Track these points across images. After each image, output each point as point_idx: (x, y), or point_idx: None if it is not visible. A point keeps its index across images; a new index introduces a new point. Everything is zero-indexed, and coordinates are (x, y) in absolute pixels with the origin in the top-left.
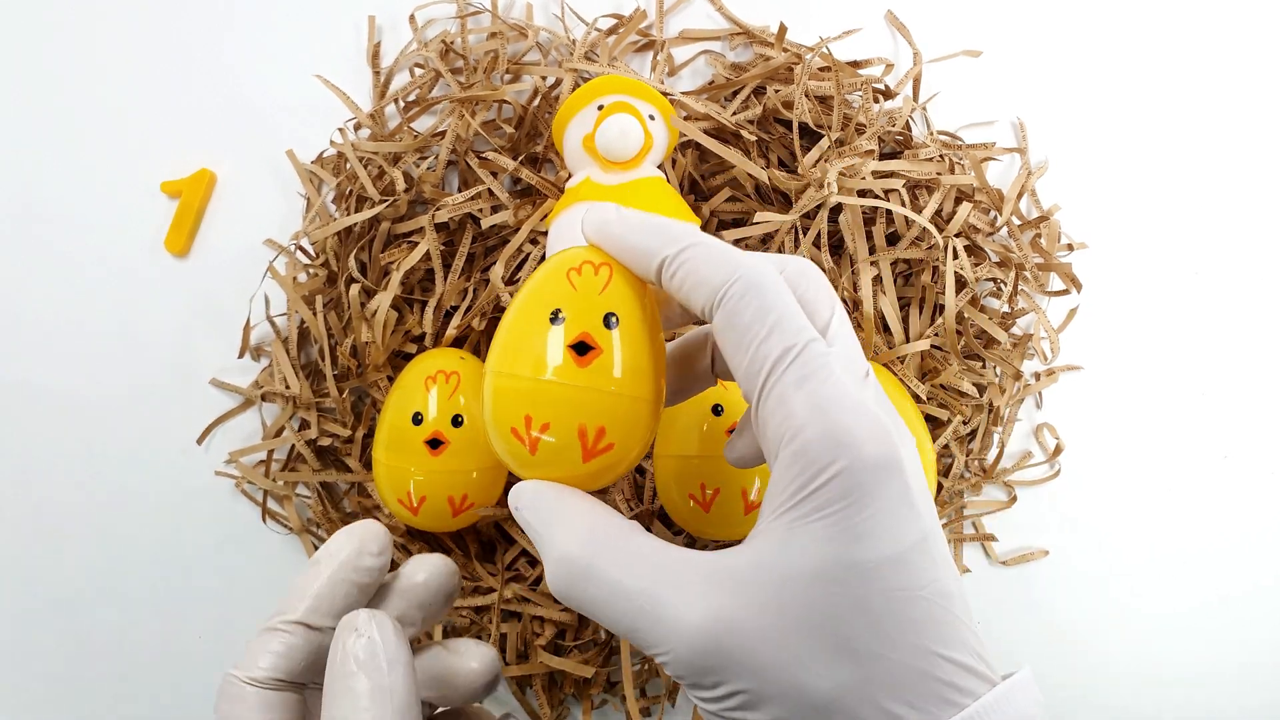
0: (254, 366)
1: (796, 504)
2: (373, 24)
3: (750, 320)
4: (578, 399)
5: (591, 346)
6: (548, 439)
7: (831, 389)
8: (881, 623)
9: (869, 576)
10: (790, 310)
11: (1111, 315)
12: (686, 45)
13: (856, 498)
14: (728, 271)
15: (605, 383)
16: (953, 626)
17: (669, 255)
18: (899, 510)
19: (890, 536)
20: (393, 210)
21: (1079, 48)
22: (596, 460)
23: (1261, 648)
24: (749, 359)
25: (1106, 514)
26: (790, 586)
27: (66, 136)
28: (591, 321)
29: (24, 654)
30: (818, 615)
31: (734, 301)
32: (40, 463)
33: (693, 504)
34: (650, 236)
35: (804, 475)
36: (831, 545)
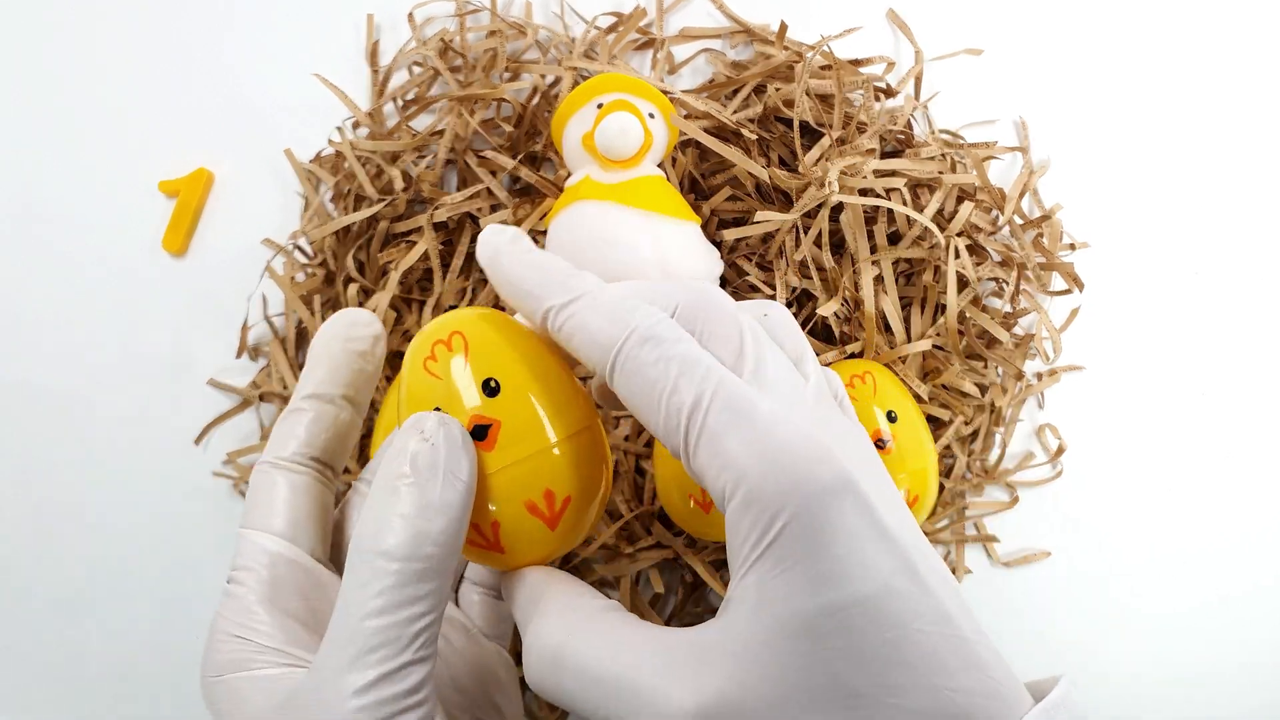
0: (252, 366)
1: (758, 559)
2: (371, 22)
3: (652, 375)
4: (507, 480)
5: (488, 424)
6: (507, 532)
7: (758, 426)
8: (878, 668)
9: (851, 620)
10: (693, 353)
11: (1114, 315)
12: (687, 43)
13: (815, 539)
14: (618, 329)
15: (523, 449)
16: (960, 653)
17: (554, 305)
18: (865, 539)
19: (862, 571)
20: (391, 209)
21: (1081, 46)
22: (564, 521)
23: (1263, 648)
24: (663, 415)
25: (1109, 514)
26: (776, 651)
27: (64, 136)
28: (472, 400)
29: (24, 654)
30: (811, 675)
31: (630, 359)
32: (37, 463)
33: (693, 505)
34: (537, 280)
35: (756, 528)
36: (803, 597)
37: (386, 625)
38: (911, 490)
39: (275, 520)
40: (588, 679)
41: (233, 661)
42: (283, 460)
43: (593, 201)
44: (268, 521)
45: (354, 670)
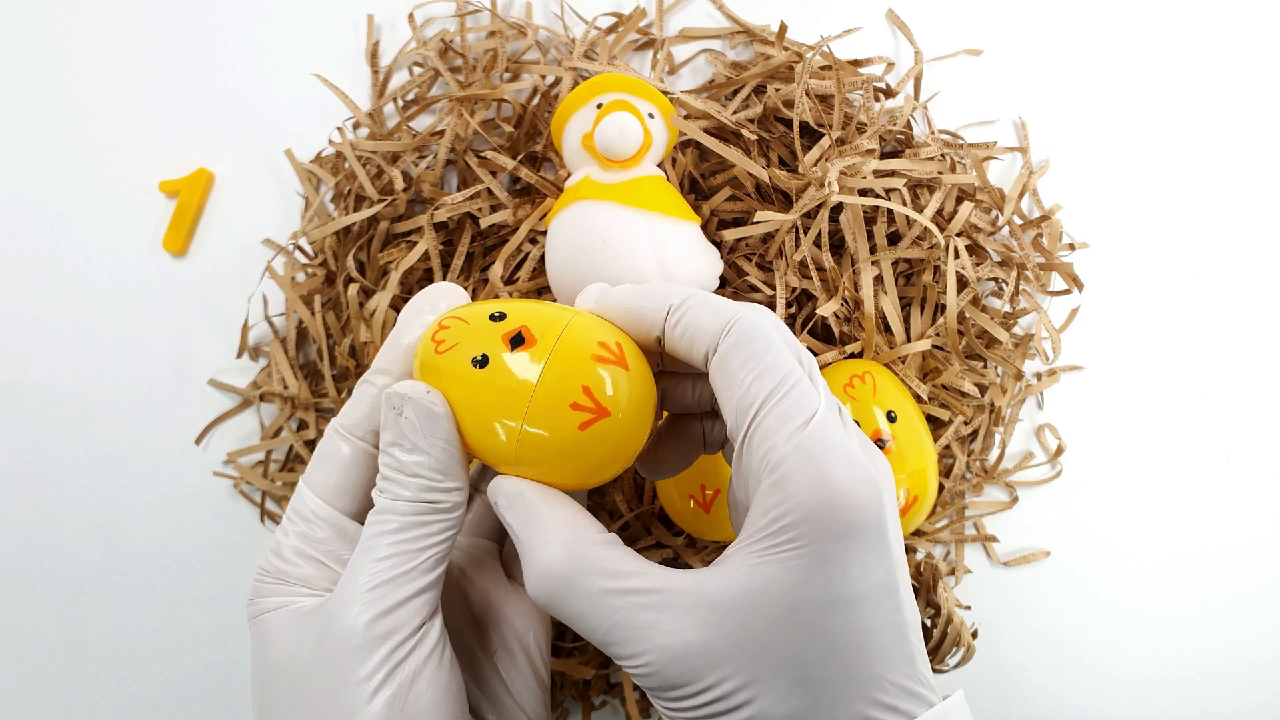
0: (252, 366)
1: (771, 534)
2: (371, 23)
3: (745, 359)
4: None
5: (524, 339)
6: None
7: (820, 430)
8: (839, 655)
9: (834, 614)
10: (783, 353)
11: (1113, 315)
12: (686, 44)
13: (831, 538)
14: (726, 316)
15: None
16: (903, 654)
17: (673, 304)
18: (871, 553)
19: (859, 577)
20: (391, 209)
21: (1080, 47)
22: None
23: (1263, 647)
24: (740, 394)
25: (1108, 514)
26: (761, 616)
27: (65, 136)
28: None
29: (24, 654)
30: (782, 647)
31: (731, 342)
32: (38, 463)
33: (693, 504)
34: (651, 296)
35: (782, 507)
36: (802, 581)
37: (395, 542)
38: (911, 490)
39: (324, 481)
40: (594, 606)
41: (264, 590)
42: (345, 429)
43: (593, 201)
44: (318, 481)
45: (367, 575)
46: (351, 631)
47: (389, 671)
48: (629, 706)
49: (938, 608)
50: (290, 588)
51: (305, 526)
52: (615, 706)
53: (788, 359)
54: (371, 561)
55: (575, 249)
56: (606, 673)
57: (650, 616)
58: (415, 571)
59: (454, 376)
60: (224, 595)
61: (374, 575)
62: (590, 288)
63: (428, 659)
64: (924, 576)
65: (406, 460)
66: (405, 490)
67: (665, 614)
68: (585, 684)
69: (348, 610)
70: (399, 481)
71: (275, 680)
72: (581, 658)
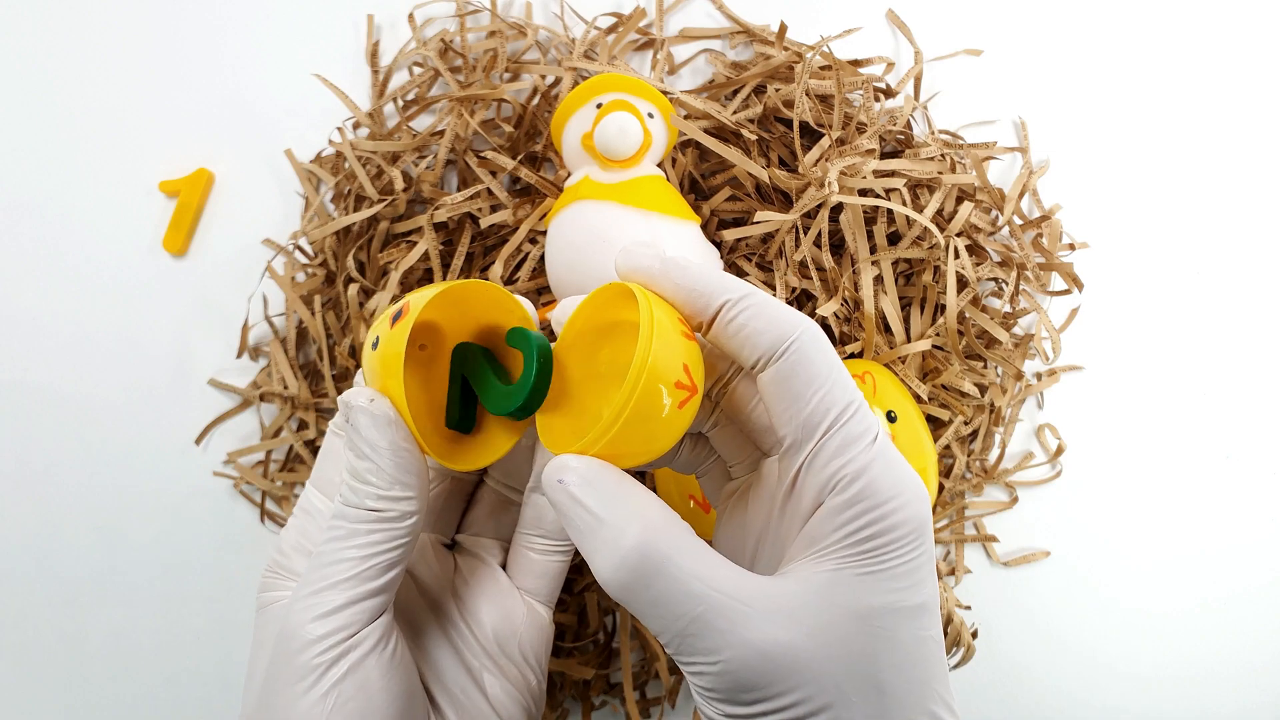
0: (252, 367)
1: (850, 544)
2: (371, 23)
3: (811, 375)
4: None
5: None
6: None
7: (883, 449)
8: (905, 662)
9: (903, 621)
10: (844, 371)
11: (1113, 315)
12: (686, 44)
13: (904, 550)
14: (791, 324)
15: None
16: (942, 667)
17: (732, 298)
18: (928, 563)
19: (921, 587)
20: (391, 210)
21: (1080, 47)
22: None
23: (1263, 647)
24: (807, 411)
25: (1108, 514)
26: (839, 623)
27: (64, 136)
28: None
29: (24, 654)
30: (859, 652)
31: (796, 358)
32: (38, 462)
33: (693, 505)
34: (709, 281)
35: (856, 524)
36: (876, 589)
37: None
38: None
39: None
40: (681, 593)
41: (266, 584)
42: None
43: (592, 201)
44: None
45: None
46: (292, 633)
47: (319, 675)
48: (629, 706)
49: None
50: (288, 582)
51: (304, 520)
52: (615, 706)
53: (847, 378)
54: (317, 566)
55: (575, 249)
56: (606, 673)
57: (738, 611)
58: (358, 578)
59: (368, 366)
60: (224, 595)
61: (316, 580)
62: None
63: (361, 662)
64: None
65: (358, 466)
66: (354, 496)
67: (749, 609)
68: (585, 684)
69: (291, 612)
70: (350, 487)
71: (253, 675)
72: (582, 658)
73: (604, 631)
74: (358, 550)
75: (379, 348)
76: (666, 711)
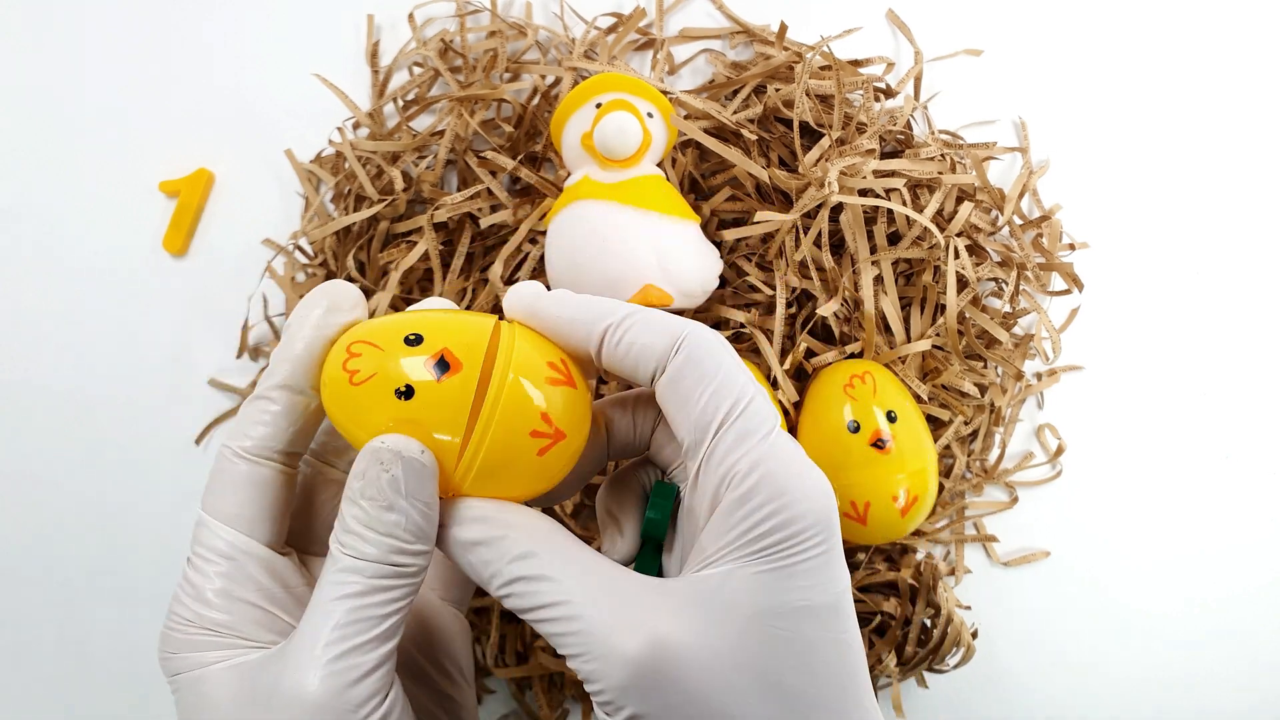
0: (252, 367)
1: (738, 546)
2: (371, 23)
3: (699, 376)
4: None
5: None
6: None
7: (780, 443)
8: (809, 664)
9: (804, 621)
10: (735, 368)
11: (1113, 315)
12: (686, 44)
13: (800, 546)
14: (673, 335)
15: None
16: (860, 672)
17: (612, 323)
18: (833, 562)
19: (824, 586)
20: (391, 210)
21: (1080, 47)
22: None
23: (1263, 648)
24: (698, 412)
25: (1108, 514)
26: (731, 622)
27: (64, 136)
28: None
29: (24, 654)
30: (754, 653)
31: (682, 360)
32: (38, 462)
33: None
34: (588, 309)
35: (750, 520)
36: (773, 588)
37: (355, 607)
38: (911, 490)
39: (237, 512)
40: (562, 592)
41: (190, 643)
42: (247, 452)
43: (592, 201)
44: (230, 512)
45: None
46: (313, 705)
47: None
48: None
49: (937, 608)
50: (223, 638)
51: (227, 565)
52: None
53: (740, 374)
54: (332, 628)
55: (575, 248)
56: None
57: (616, 610)
58: (383, 636)
59: (379, 411)
60: None
61: (335, 641)
62: (521, 288)
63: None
64: (924, 576)
65: (384, 519)
66: (371, 549)
67: (632, 608)
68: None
69: (305, 680)
70: (365, 538)
71: None
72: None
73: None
74: (380, 609)
75: (417, 397)
76: None
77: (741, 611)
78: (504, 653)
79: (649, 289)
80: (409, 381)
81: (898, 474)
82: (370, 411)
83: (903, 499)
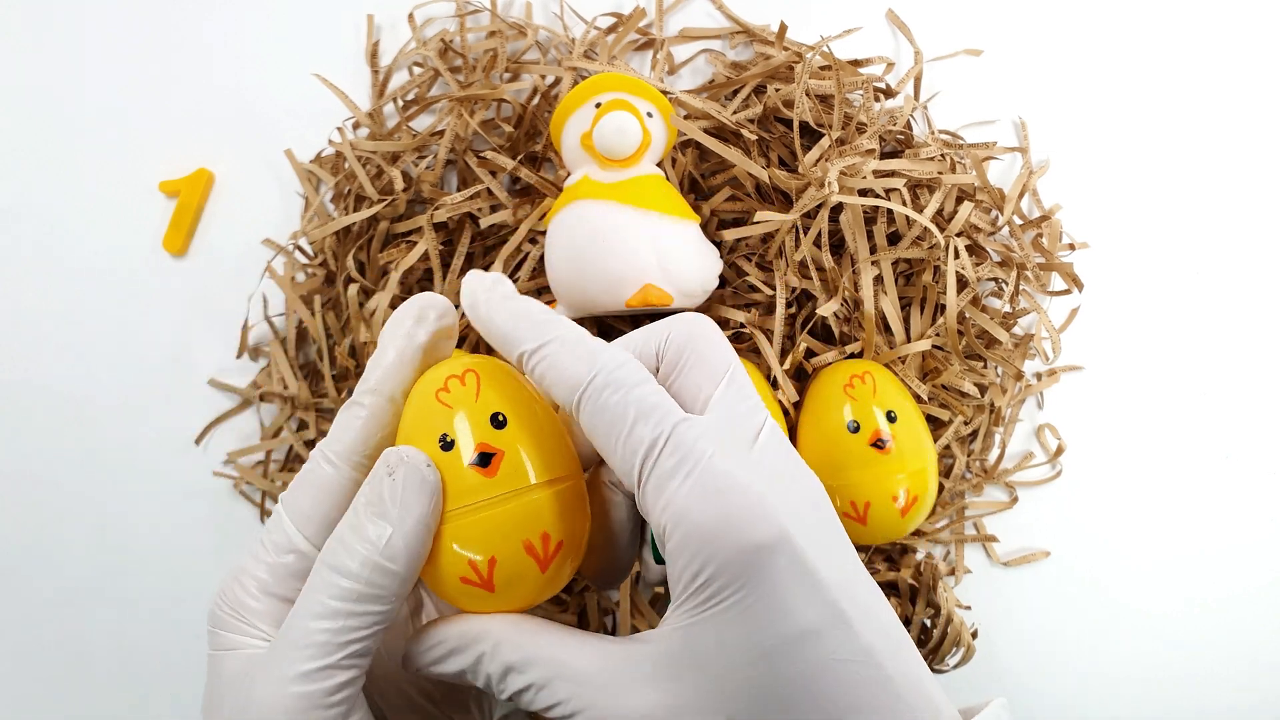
0: (252, 367)
1: (691, 594)
2: (371, 23)
3: (613, 416)
4: (507, 518)
5: (492, 453)
6: (502, 570)
7: (704, 474)
8: (793, 702)
9: (772, 659)
10: (650, 399)
11: (1113, 315)
12: (686, 44)
13: (743, 585)
14: (585, 368)
15: (520, 481)
16: (878, 685)
17: (527, 350)
18: (793, 588)
19: (787, 616)
20: (391, 210)
21: (1080, 47)
22: (553, 566)
23: (1263, 647)
24: (620, 454)
25: (1108, 514)
26: (704, 679)
27: (64, 136)
28: (480, 430)
29: (24, 654)
30: (732, 703)
31: (594, 398)
32: (38, 462)
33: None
34: (513, 326)
35: (692, 566)
36: (729, 634)
37: (325, 629)
38: (911, 490)
39: (309, 513)
40: (543, 697)
41: (224, 623)
42: (332, 455)
43: (592, 201)
44: (302, 511)
45: (290, 662)
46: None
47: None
48: None
49: (937, 608)
50: (248, 625)
51: (277, 559)
52: None
53: (658, 402)
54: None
55: (574, 248)
56: None
57: (594, 697)
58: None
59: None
60: None
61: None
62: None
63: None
64: (924, 576)
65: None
66: (352, 563)
67: (603, 694)
68: None
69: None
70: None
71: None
72: None
73: (604, 631)
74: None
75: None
76: None
77: (710, 665)
78: None
79: (649, 289)
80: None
81: (898, 474)
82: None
83: (903, 499)
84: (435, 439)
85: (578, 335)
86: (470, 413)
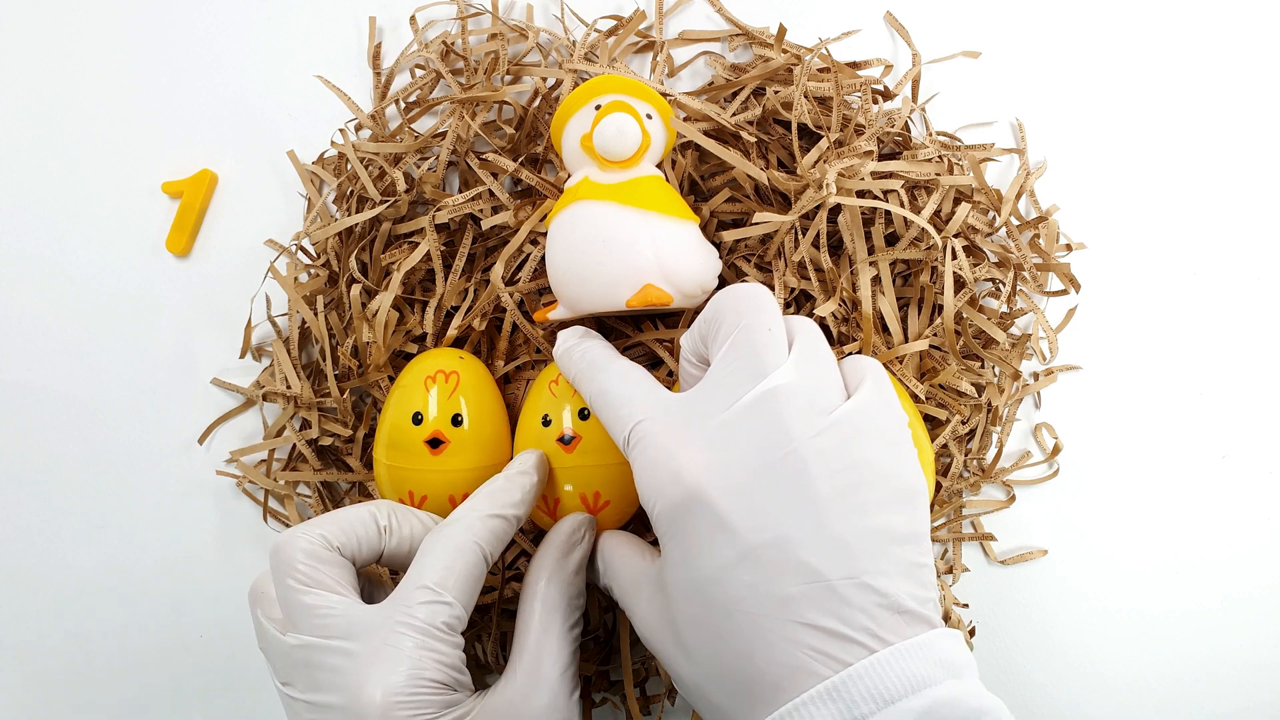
0: (255, 366)
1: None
2: (373, 25)
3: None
4: (576, 477)
5: (575, 436)
6: (563, 508)
7: (644, 458)
8: (709, 632)
9: (691, 595)
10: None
11: (1110, 315)
12: (686, 46)
13: (669, 534)
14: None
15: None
16: (788, 623)
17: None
18: (710, 536)
19: (704, 560)
20: (393, 211)
21: (1078, 48)
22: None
23: (1262, 647)
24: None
25: (1105, 514)
26: (665, 599)
27: (67, 137)
28: (569, 419)
29: (24, 654)
30: (674, 623)
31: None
32: (41, 462)
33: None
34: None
35: (655, 527)
36: (668, 571)
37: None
38: None
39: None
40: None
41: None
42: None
43: (591, 202)
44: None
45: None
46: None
47: None
48: (629, 704)
49: None
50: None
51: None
52: (615, 704)
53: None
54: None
55: (575, 249)
56: (607, 669)
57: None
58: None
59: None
60: (226, 593)
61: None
62: (569, 343)
63: None
64: None
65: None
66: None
67: (638, 592)
68: (586, 681)
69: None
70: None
71: None
72: (582, 655)
73: (604, 629)
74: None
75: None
76: (666, 709)
77: (664, 590)
78: (505, 650)
79: (648, 289)
80: (551, 419)
81: None
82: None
83: None
84: (539, 417)
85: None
86: (566, 405)
